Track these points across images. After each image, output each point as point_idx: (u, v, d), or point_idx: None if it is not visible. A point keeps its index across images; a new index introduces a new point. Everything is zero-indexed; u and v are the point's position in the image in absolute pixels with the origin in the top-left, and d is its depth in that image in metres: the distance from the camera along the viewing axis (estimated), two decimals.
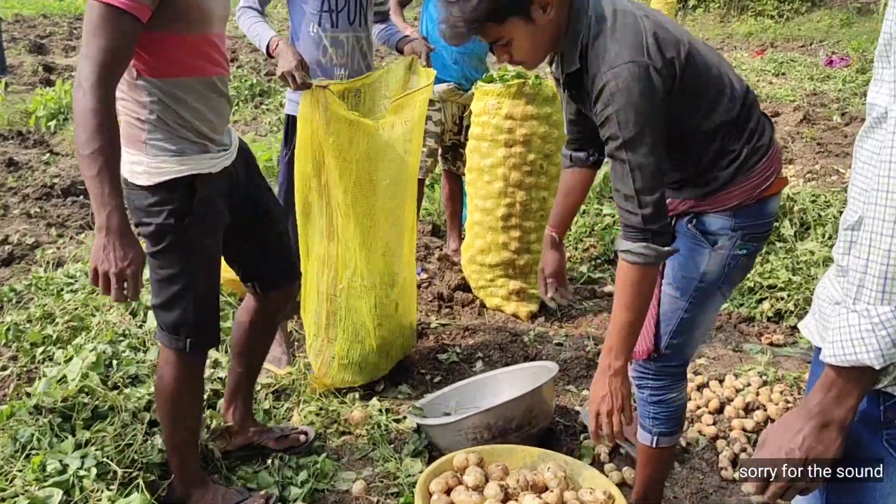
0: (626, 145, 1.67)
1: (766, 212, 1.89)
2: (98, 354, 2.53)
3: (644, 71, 1.64)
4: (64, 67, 10.16)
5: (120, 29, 1.68)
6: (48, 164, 6.07)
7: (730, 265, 1.90)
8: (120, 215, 1.68)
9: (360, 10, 2.91)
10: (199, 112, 1.94)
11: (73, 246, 4.35)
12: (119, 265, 1.68)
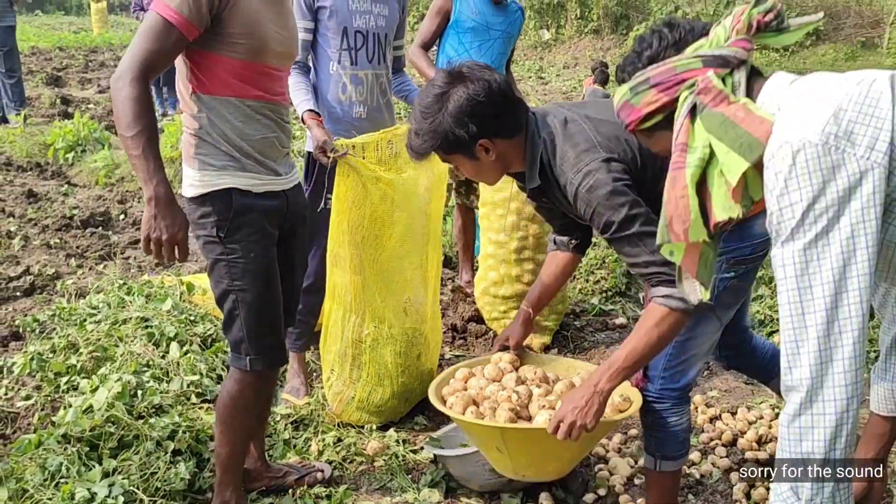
0: (623, 225, 1.85)
1: (749, 234, 1.96)
2: (123, 385, 2.59)
3: (605, 161, 1.87)
4: (80, 100, 10.36)
5: (166, 38, 1.88)
6: (66, 195, 6.19)
7: (719, 288, 1.98)
8: (165, 186, 1.86)
9: (378, 49, 3.00)
10: (243, 132, 2.06)
11: (92, 277, 4.43)
12: (170, 231, 1.87)
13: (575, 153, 1.91)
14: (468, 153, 1.98)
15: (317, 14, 2.89)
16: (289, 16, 2.20)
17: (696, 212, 1.54)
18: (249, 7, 1.98)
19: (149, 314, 3.17)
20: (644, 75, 1.62)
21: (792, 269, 1.35)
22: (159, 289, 3.45)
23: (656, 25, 1.68)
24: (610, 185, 1.85)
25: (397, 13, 3.06)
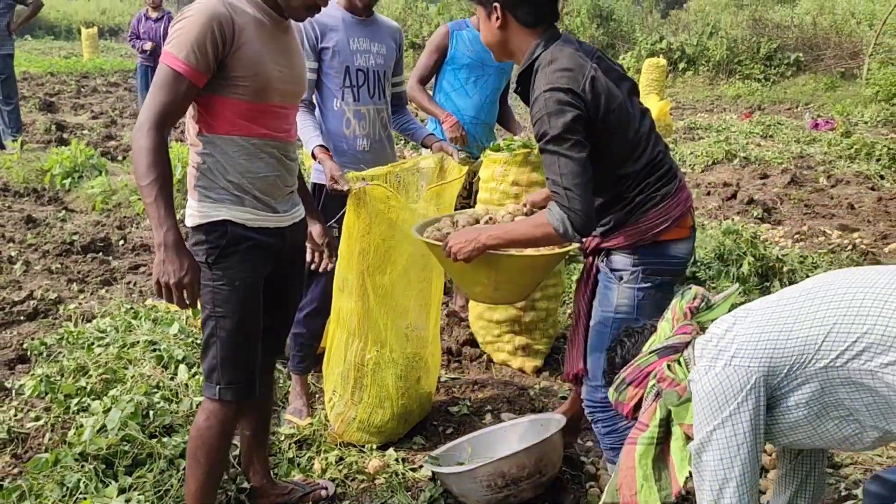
0: (555, 140, 2.14)
1: (668, 253, 2.28)
2: (136, 405, 2.70)
3: (571, 94, 2.13)
4: (74, 126, 10.47)
5: (177, 89, 1.98)
6: (64, 220, 6.28)
7: (639, 297, 2.28)
8: (175, 232, 1.94)
9: (378, 85, 3.17)
10: (246, 170, 2.14)
11: (95, 301, 4.53)
12: (178, 275, 1.94)
13: (556, 77, 2.15)
14: (487, 9, 2.30)
15: (320, 54, 3.04)
16: (294, 54, 2.26)
17: (640, 481, 1.91)
18: (253, 49, 2.06)
19: (156, 338, 3.29)
20: (621, 377, 2.01)
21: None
22: (166, 313, 3.57)
23: (617, 338, 2.11)
24: (563, 107, 2.12)
25: (394, 51, 3.23)
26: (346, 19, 3.08)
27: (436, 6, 23.67)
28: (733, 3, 21.27)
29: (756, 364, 1.72)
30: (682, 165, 8.70)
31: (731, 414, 1.71)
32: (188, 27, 1.98)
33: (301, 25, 3.03)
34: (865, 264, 5.12)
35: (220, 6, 2.02)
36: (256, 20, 2.10)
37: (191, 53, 1.96)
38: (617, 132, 2.22)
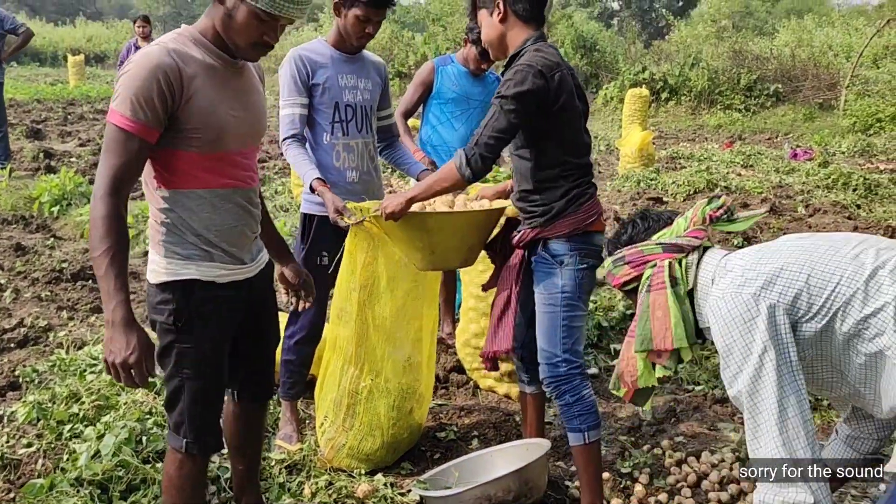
0: (504, 98, 2.48)
1: (594, 242, 2.68)
2: (130, 431, 2.75)
3: (541, 75, 2.47)
4: (62, 153, 10.52)
5: (129, 149, 1.88)
6: (53, 248, 6.33)
7: (578, 277, 2.64)
8: (124, 309, 1.83)
9: (365, 119, 3.28)
10: (211, 222, 2.07)
11: (84, 328, 4.57)
12: (123, 355, 1.82)
13: (532, 62, 2.49)
14: (490, 6, 2.63)
15: (311, 91, 3.14)
16: (251, 94, 2.17)
17: (641, 369, 2.15)
18: (205, 99, 1.98)
19: None
20: (621, 253, 2.24)
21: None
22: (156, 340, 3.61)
23: (632, 215, 2.34)
24: (528, 79, 2.46)
25: (380, 86, 3.35)
26: (335, 56, 3.18)
27: (422, 36, 23.99)
28: (714, 35, 21.69)
29: (784, 300, 1.86)
30: (665, 195, 8.86)
31: (772, 339, 1.83)
32: (133, 81, 1.88)
33: (293, 63, 3.13)
34: None
35: (166, 56, 1.93)
36: (207, 66, 2.01)
37: (138, 109, 1.87)
38: (567, 127, 2.59)
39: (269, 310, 2.41)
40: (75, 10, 51.05)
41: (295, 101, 3.12)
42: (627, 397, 2.33)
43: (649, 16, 39.14)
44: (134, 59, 1.92)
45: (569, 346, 2.66)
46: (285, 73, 3.13)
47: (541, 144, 2.61)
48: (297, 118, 3.11)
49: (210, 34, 2.04)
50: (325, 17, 30.97)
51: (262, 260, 2.31)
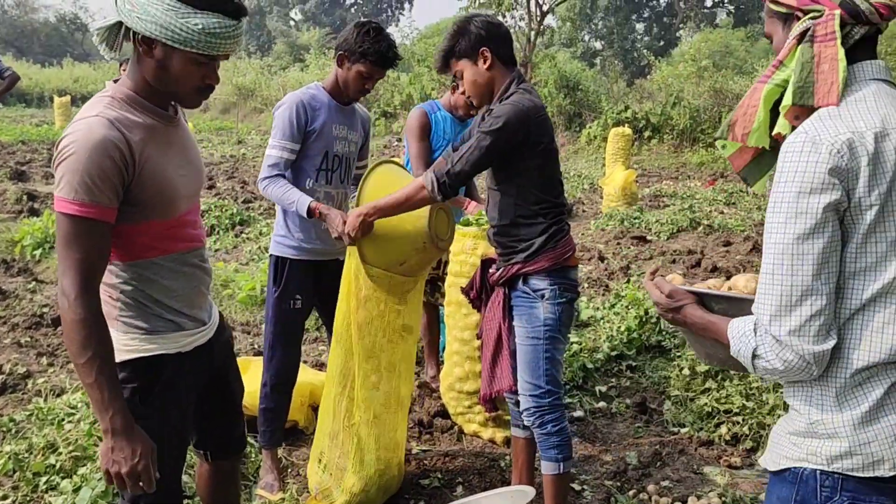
0: (489, 131, 2.57)
1: (570, 276, 2.78)
2: (106, 485, 2.69)
3: (525, 116, 2.59)
4: (46, 195, 10.48)
5: (92, 238, 1.72)
6: (34, 292, 6.27)
7: (559, 311, 2.72)
8: (123, 416, 1.72)
9: (348, 171, 3.31)
10: (172, 289, 1.97)
11: (64, 374, 4.51)
12: (130, 464, 1.71)
13: (526, 97, 2.65)
14: (473, 57, 2.71)
15: (306, 136, 3.13)
16: (190, 148, 2.06)
17: (759, 122, 1.66)
18: (155, 165, 1.86)
19: None
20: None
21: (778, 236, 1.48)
22: None
23: None
24: (512, 119, 2.57)
25: (363, 139, 3.39)
26: (331, 105, 3.20)
27: (407, 76, 24.23)
28: (695, 74, 22.02)
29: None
30: (648, 233, 8.92)
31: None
32: (80, 163, 1.70)
33: (294, 108, 3.11)
34: None
35: (109, 128, 1.76)
36: (149, 127, 1.87)
37: (94, 190, 1.70)
38: (548, 164, 2.72)
39: (231, 362, 2.33)
40: (62, 52, 51.32)
41: (285, 145, 3.11)
42: (734, 160, 1.83)
43: (631, 55, 39.74)
44: (74, 140, 1.72)
45: (551, 377, 2.74)
46: (283, 115, 3.11)
47: (523, 181, 2.70)
48: (282, 162, 3.11)
49: (143, 91, 1.88)
50: (311, 58, 31.31)
51: (215, 315, 2.20)
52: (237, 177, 12.88)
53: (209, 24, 1.76)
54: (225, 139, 20.35)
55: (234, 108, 29.11)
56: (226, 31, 1.80)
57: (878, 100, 1.53)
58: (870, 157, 1.45)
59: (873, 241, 1.48)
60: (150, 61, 1.83)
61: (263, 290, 5.88)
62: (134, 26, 1.78)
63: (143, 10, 1.75)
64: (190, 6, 1.75)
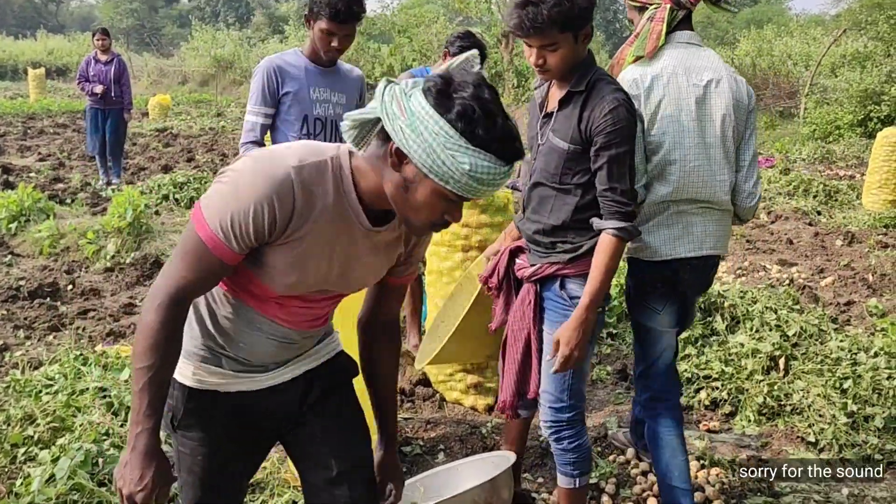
0: (617, 153, 2.32)
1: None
2: (85, 453, 2.68)
3: (633, 110, 2.41)
4: (21, 168, 10.33)
5: (208, 265, 1.57)
6: (10, 265, 6.18)
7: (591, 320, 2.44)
8: (148, 437, 1.57)
9: (335, 134, 3.26)
10: (241, 342, 1.77)
11: (41, 347, 4.47)
12: (131, 489, 1.58)
13: (616, 87, 2.40)
14: (576, 34, 2.33)
15: (280, 101, 3.12)
16: (366, 262, 1.73)
17: (625, 67, 2.72)
18: (306, 248, 1.61)
19: (107, 384, 3.26)
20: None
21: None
22: (116, 359, 3.55)
23: None
24: (629, 123, 2.34)
25: (355, 101, 3.33)
26: (309, 68, 3.17)
27: (388, 47, 24.00)
28: None
29: None
30: None
31: None
32: (236, 201, 1.52)
33: (264, 72, 3.10)
34: (802, 298, 5.32)
35: (289, 184, 1.53)
36: (338, 219, 1.62)
37: (229, 234, 1.53)
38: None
39: (337, 394, 1.96)
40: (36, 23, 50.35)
41: (259, 110, 3.12)
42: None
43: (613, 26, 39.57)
44: (253, 172, 1.53)
45: (576, 391, 2.55)
46: (256, 80, 3.14)
47: (594, 188, 2.41)
48: (258, 127, 3.12)
49: (369, 192, 1.62)
50: (290, 29, 30.91)
51: (293, 369, 1.87)
52: (216, 149, 12.74)
53: (478, 166, 1.46)
54: (204, 112, 20.10)
55: (213, 81, 28.72)
56: (492, 178, 1.49)
57: (678, 54, 2.60)
58: (648, 85, 2.56)
59: (646, 134, 2.57)
60: (396, 175, 1.55)
61: None
62: (393, 135, 1.50)
63: (410, 123, 1.47)
64: (466, 138, 1.45)
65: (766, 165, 11.74)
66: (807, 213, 8.48)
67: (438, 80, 1.49)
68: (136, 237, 6.52)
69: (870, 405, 3.59)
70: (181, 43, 38.76)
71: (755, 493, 3.07)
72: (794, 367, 3.92)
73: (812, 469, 3.27)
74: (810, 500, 3.02)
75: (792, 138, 15.02)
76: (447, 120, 1.45)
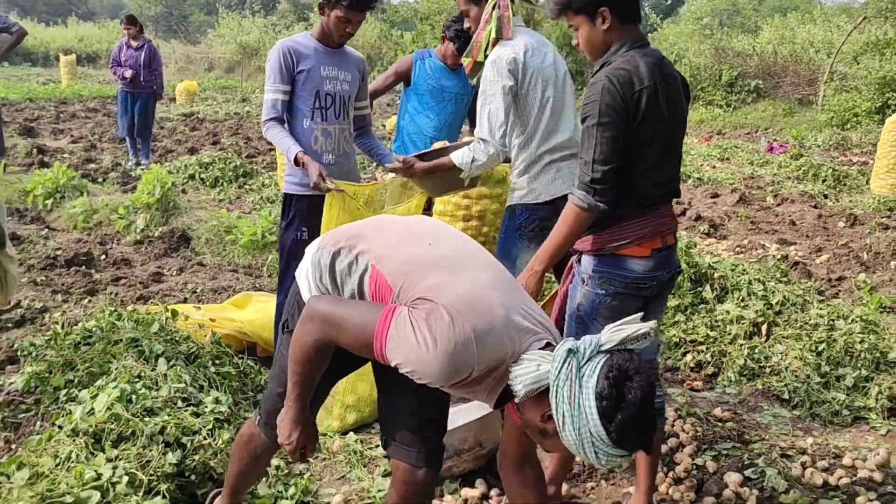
0: (591, 127, 2.37)
1: (624, 267, 2.47)
2: (121, 391, 3.02)
3: (616, 89, 2.35)
4: (55, 150, 10.77)
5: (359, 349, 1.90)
6: (47, 238, 6.58)
7: (595, 302, 2.51)
8: (297, 410, 2.02)
9: (343, 108, 3.57)
10: None
11: (78, 309, 4.84)
12: (283, 440, 2.08)
13: (618, 70, 2.39)
14: (591, 15, 2.45)
15: (295, 78, 3.44)
16: None
17: (482, 49, 3.29)
18: None
19: (138, 335, 3.61)
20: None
21: None
22: (147, 315, 3.88)
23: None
24: (609, 99, 2.35)
25: (358, 79, 3.64)
26: (318, 49, 3.49)
27: (410, 35, 24.24)
28: (698, 32, 21.99)
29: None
30: None
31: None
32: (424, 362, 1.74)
33: (280, 53, 3.42)
34: (793, 273, 5.55)
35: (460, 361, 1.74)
36: None
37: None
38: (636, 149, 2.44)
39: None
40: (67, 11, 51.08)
41: (279, 87, 3.43)
42: (467, 67, 3.43)
43: None
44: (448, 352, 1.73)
45: None
46: (272, 61, 3.45)
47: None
48: (278, 103, 3.44)
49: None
50: (315, 17, 31.23)
51: None
52: (241, 133, 13.11)
53: (609, 459, 1.69)
54: (229, 97, 20.51)
55: (239, 67, 29.16)
56: (614, 462, 1.73)
57: (524, 34, 3.24)
58: (522, 62, 3.14)
59: (524, 106, 3.21)
60: (539, 423, 1.78)
61: (265, 236, 6.20)
62: (555, 413, 1.70)
63: (573, 419, 1.66)
64: (614, 445, 1.65)
65: (779, 151, 11.88)
66: (813, 197, 8.64)
67: (614, 389, 1.62)
68: (163, 213, 6.89)
69: (842, 366, 3.85)
70: (208, 30, 39.27)
71: (725, 440, 3.34)
72: (776, 332, 4.18)
73: (782, 421, 3.55)
74: (776, 447, 3.28)
75: (809, 125, 15.10)
76: (606, 431, 1.63)
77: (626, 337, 1.70)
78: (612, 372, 1.64)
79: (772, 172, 10.01)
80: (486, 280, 1.86)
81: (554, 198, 3.18)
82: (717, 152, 11.77)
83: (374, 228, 2.09)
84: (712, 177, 9.48)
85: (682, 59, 19.60)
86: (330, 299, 1.97)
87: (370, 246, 1.98)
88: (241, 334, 3.99)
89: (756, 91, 18.27)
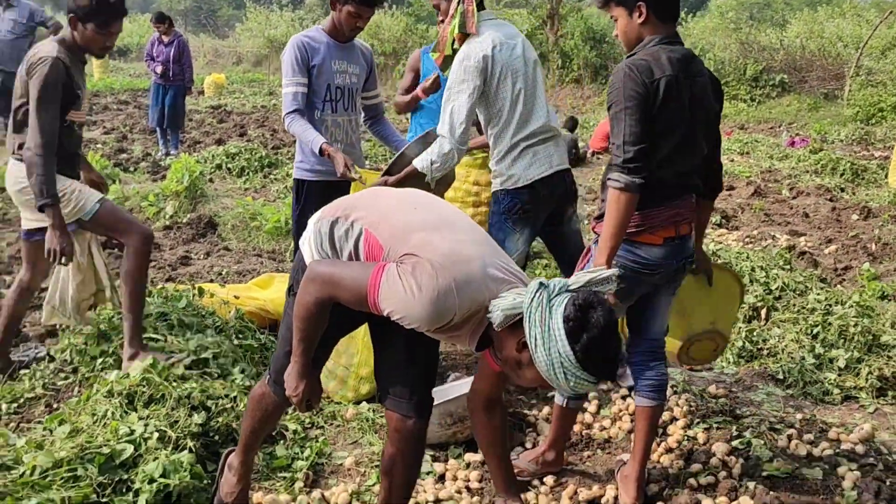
0: (616, 114, 2.51)
1: (635, 252, 2.63)
2: (154, 359, 3.28)
3: (636, 74, 2.50)
4: (88, 140, 11.13)
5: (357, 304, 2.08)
6: None
7: None
8: (301, 365, 2.20)
9: (352, 100, 3.80)
10: None
11: None
12: (289, 392, 2.25)
13: (638, 60, 2.55)
14: (630, 8, 2.61)
15: (310, 72, 3.65)
16: None
17: (449, 43, 3.36)
18: None
19: (167, 310, 3.87)
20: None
21: None
22: (175, 292, 4.15)
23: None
24: (629, 88, 2.49)
25: (366, 71, 3.87)
26: (329, 43, 3.70)
27: (435, 29, 24.40)
28: (724, 26, 21.94)
29: None
30: None
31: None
32: (412, 308, 1.95)
33: (294, 47, 3.63)
34: (800, 262, 5.69)
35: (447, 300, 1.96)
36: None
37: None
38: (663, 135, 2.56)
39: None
40: None
41: (297, 80, 3.63)
42: (437, 61, 3.49)
43: None
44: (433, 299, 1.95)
45: None
46: (289, 56, 3.64)
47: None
48: (298, 95, 3.63)
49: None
50: None
51: None
52: (267, 125, 13.41)
53: (578, 381, 1.88)
54: (256, 91, 20.85)
55: (266, 61, 29.55)
56: (581, 387, 1.91)
57: (490, 27, 3.28)
58: (491, 59, 3.20)
59: (495, 101, 3.28)
60: (514, 353, 1.97)
61: (288, 223, 6.45)
62: (528, 338, 1.89)
63: (545, 340, 1.86)
64: (581, 367, 1.85)
65: (801, 146, 11.90)
66: (830, 190, 8.69)
67: (579, 312, 1.84)
68: (191, 200, 7.19)
69: (835, 349, 4.00)
70: (236, 24, 39.78)
71: (717, 414, 3.52)
72: (774, 316, 4.35)
73: (774, 399, 3.72)
74: (766, 421, 3.45)
75: (834, 120, 15.06)
76: (573, 350, 1.83)
77: (591, 279, 1.93)
78: (577, 300, 1.87)
79: (790, 166, 10.07)
80: (466, 239, 2.09)
81: (532, 181, 3.28)
82: (737, 146, 11.84)
83: (369, 199, 2.33)
84: (729, 170, 9.57)
85: (707, 53, 19.58)
86: (328, 262, 2.20)
87: (365, 213, 2.21)
88: (263, 312, 4.23)
89: (781, 85, 18.21)
